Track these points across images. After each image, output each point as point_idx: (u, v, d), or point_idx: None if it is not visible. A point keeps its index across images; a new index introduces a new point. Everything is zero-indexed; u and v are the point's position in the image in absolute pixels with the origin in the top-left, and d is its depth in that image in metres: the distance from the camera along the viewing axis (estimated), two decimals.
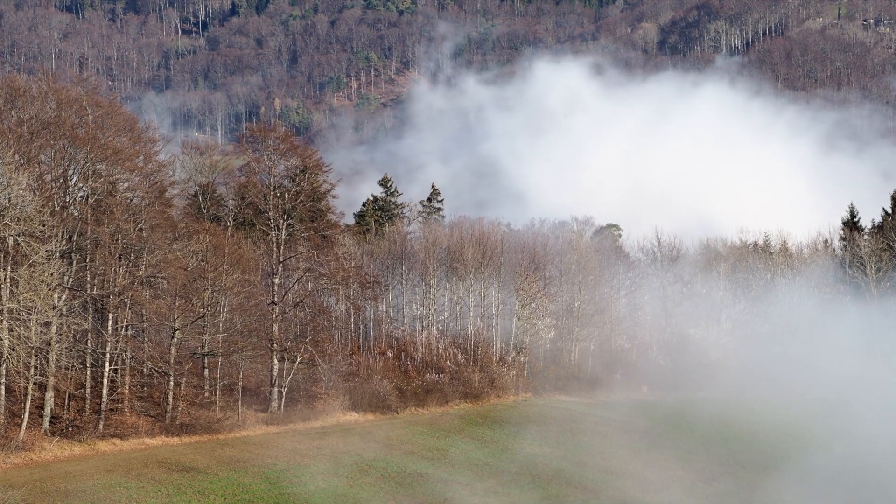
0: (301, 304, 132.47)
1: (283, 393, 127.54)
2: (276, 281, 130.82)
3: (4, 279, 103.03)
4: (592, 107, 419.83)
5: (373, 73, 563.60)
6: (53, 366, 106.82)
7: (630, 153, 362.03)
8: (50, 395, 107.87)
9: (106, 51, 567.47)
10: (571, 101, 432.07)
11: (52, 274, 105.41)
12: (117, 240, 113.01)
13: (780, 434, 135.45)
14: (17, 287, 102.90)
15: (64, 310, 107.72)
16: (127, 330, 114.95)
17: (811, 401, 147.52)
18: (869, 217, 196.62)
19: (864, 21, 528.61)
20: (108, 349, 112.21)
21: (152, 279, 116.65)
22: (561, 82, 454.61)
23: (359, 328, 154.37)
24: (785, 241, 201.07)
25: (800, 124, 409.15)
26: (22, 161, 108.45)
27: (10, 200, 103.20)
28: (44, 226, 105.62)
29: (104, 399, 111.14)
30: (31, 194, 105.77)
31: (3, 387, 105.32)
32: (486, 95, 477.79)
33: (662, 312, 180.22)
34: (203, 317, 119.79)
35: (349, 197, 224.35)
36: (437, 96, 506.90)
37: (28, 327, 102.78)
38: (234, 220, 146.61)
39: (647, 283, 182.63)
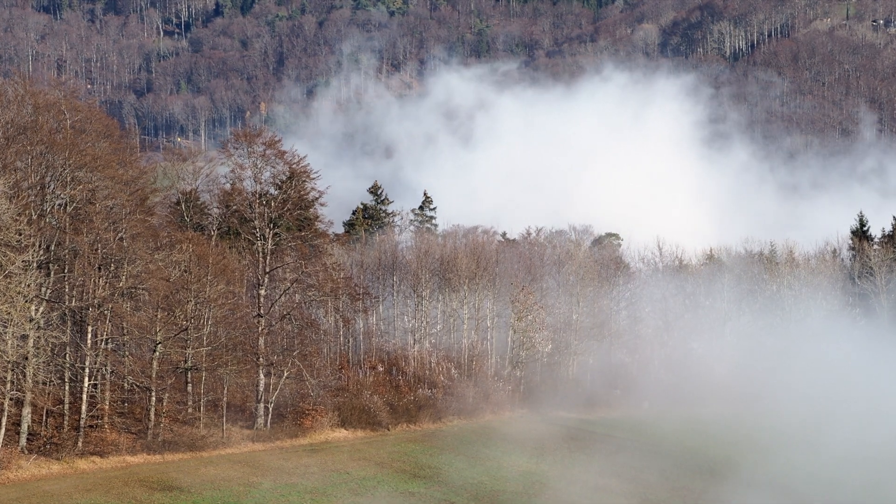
0: (288, 316, 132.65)
1: (270, 409, 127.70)
2: (262, 292, 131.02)
3: None
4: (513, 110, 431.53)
5: (363, 75, 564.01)
6: (31, 381, 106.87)
7: (528, 155, 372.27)
8: (27, 410, 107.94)
9: (85, 53, 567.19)
10: (486, 107, 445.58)
11: (28, 285, 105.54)
12: (97, 249, 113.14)
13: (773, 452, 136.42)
14: None
15: (41, 322, 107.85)
16: (107, 343, 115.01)
17: (808, 417, 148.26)
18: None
19: (874, 22, 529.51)
20: (87, 363, 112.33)
21: (133, 290, 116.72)
22: (467, 87, 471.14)
23: (348, 341, 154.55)
24: (791, 251, 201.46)
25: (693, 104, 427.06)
26: None
27: None
28: (20, 235, 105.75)
29: (83, 415, 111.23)
30: (7, 202, 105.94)
31: None
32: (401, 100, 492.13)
33: (664, 325, 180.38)
34: (186, 330, 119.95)
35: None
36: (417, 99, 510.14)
37: (4, 340, 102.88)
38: (218, 229, 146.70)
39: (647, 295, 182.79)
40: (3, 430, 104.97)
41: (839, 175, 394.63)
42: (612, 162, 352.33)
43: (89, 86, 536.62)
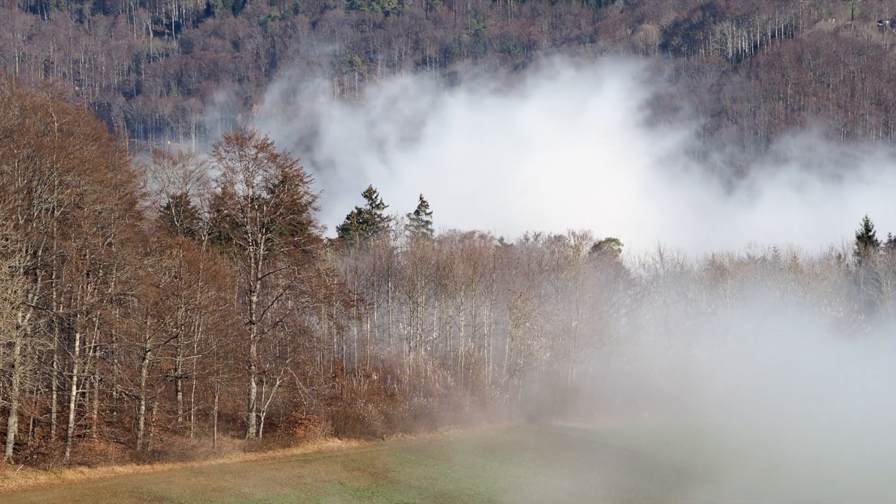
0: (280, 323, 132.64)
1: (262, 418, 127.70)
2: (254, 299, 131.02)
3: None
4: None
5: (357, 76, 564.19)
6: (17, 389, 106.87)
7: (479, 157, 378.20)
8: (13, 420, 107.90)
9: (73, 54, 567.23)
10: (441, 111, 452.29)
11: (15, 291, 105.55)
12: (85, 255, 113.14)
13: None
14: None
15: (28, 329, 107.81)
16: (95, 351, 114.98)
17: (806, 428, 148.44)
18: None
19: (880, 22, 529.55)
20: (75, 371, 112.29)
21: (122, 297, 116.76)
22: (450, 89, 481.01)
23: (342, 349, 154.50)
24: (795, 257, 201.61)
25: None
26: None
27: None
28: (7, 240, 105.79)
29: (71, 424, 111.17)
30: None
31: None
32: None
33: (665, 332, 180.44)
34: (176, 337, 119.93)
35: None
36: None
37: None
38: (209, 234, 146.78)
39: (648, 302, 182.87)
40: None
41: (781, 171, 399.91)
42: (556, 156, 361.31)
43: (77, 87, 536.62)
